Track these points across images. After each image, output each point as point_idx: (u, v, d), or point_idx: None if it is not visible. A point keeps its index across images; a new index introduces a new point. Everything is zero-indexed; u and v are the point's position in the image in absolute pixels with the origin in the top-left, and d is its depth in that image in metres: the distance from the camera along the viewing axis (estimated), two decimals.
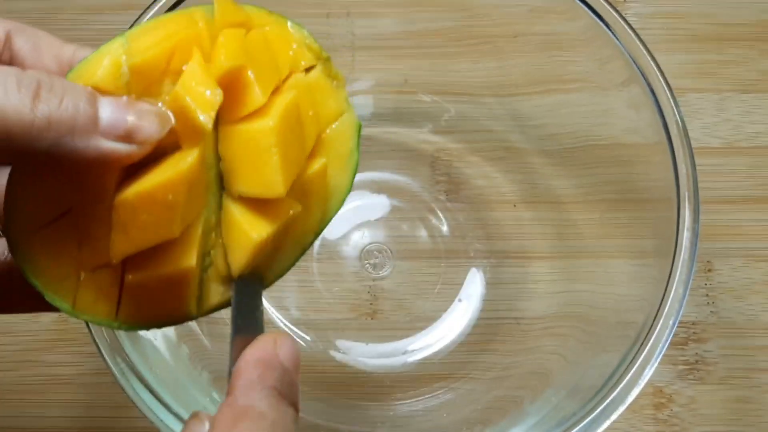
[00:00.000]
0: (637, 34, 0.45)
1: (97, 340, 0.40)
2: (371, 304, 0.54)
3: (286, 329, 0.54)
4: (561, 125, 0.54)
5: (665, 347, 0.41)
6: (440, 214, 0.56)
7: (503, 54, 0.54)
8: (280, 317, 0.54)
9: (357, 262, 0.56)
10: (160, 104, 0.29)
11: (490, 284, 0.55)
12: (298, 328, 0.54)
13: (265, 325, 0.54)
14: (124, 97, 0.28)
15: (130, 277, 0.29)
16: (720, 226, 0.56)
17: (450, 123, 0.58)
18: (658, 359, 0.40)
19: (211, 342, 0.51)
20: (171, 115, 0.28)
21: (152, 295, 0.30)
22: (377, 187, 0.57)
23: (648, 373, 0.40)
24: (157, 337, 0.45)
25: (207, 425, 0.28)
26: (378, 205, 0.57)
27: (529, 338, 0.53)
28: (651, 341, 0.41)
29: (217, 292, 0.31)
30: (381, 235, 0.56)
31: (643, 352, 0.41)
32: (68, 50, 0.30)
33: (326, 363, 0.53)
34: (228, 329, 0.53)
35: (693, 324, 0.54)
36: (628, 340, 0.42)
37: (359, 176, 0.57)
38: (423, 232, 0.57)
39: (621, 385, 0.40)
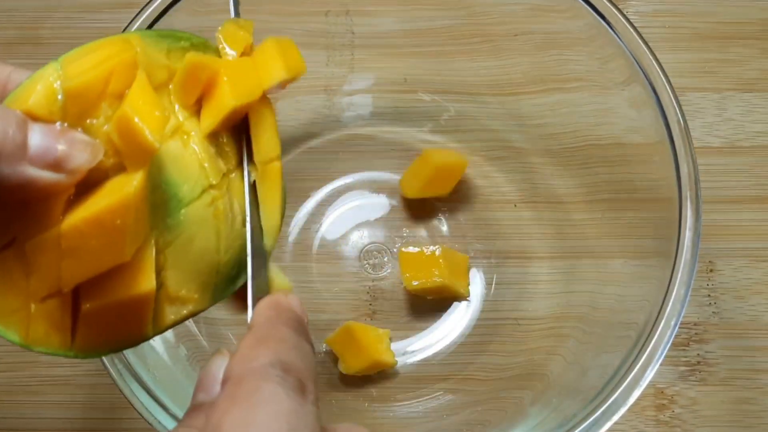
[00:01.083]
0: (638, 33, 0.45)
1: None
2: (371, 304, 0.54)
3: None
4: (562, 125, 0.54)
5: (667, 348, 0.40)
6: (440, 214, 0.56)
7: (503, 53, 0.54)
8: None
9: (356, 263, 0.55)
10: (105, 126, 0.29)
11: (490, 284, 0.55)
12: None
13: None
14: (57, 125, 0.28)
15: (87, 305, 0.29)
16: (722, 226, 0.56)
17: (450, 122, 0.58)
18: (660, 360, 0.40)
19: (210, 343, 0.51)
20: (102, 145, 0.28)
21: (110, 321, 0.30)
22: (376, 187, 0.57)
23: (650, 374, 0.40)
24: (155, 338, 0.44)
25: (227, 357, 0.28)
26: (377, 205, 0.57)
27: (529, 339, 0.53)
28: (652, 342, 0.41)
29: (170, 313, 0.31)
30: (380, 235, 0.56)
31: (644, 352, 0.41)
32: (3, 72, 0.30)
33: (324, 363, 0.53)
34: (227, 330, 0.53)
35: (695, 324, 0.54)
36: (629, 340, 0.42)
37: (359, 176, 0.58)
38: (423, 232, 0.56)
39: (622, 386, 0.40)
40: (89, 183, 0.28)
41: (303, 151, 0.58)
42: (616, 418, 0.40)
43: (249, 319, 0.30)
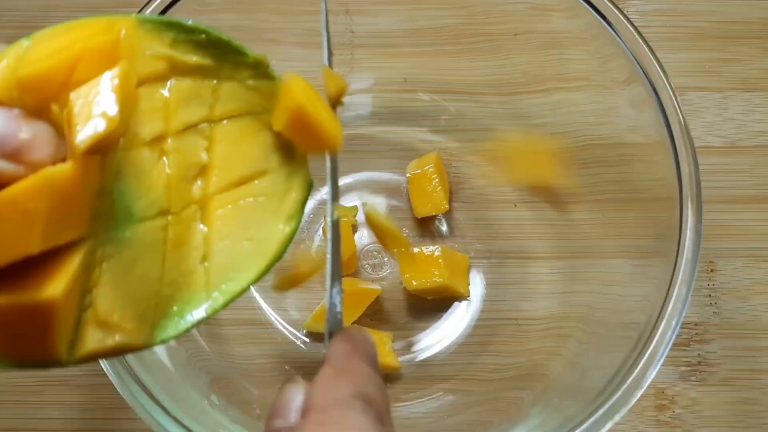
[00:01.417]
0: (639, 32, 0.45)
1: None
2: (371, 304, 0.54)
3: (285, 331, 0.53)
4: (562, 124, 0.54)
5: (668, 348, 0.40)
6: (440, 214, 0.56)
7: (503, 52, 0.54)
8: (279, 318, 0.54)
9: (356, 263, 0.55)
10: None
11: (491, 284, 0.54)
12: (297, 330, 0.53)
13: (263, 325, 0.54)
14: (17, 110, 0.25)
15: None
16: (723, 226, 0.56)
17: (450, 122, 0.58)
18: (661, 360, 0.40)
19: (210, 344, 0.51)
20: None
21: (11, 328, 0.25)
22: (376, 187, 0.57)
23: (651, 375, 0.40)
24: None
25: (303, 387, 0.29)
26: (377, 205, 0.57)
27: (530, 339, 0.53)
28: (653, 342, 0.41)
29: (94, 339, 0.27)
30: None
31: (645, 353, 0.41)
32: None
33: None
34: (227, 330, 0.53)
35: (696, 325, 0.54)
36: (630, 341, 0.42)
37: (359, 176, 0.58)
38: (423, 232, 0.56)
39: (623, 387, 0.40)
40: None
41: None
42: (617, 418, 0.40)
43: (324, 351, 0.31)
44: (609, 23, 0.46)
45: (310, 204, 0.57)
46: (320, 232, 0.56)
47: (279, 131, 0.30)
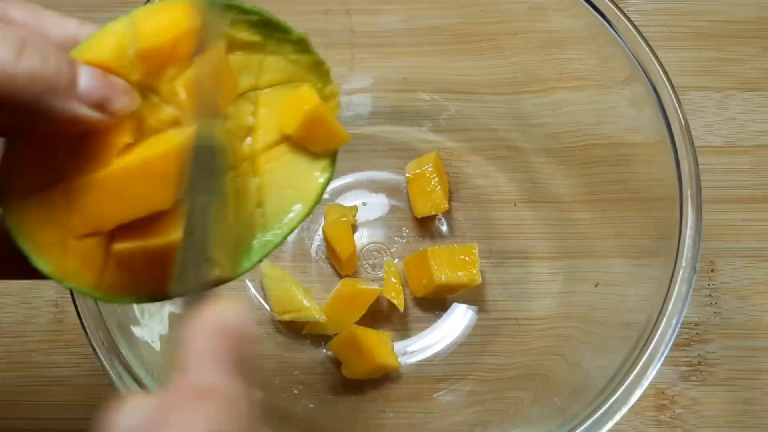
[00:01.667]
0: (639, 32, 0.45)
1: (94, 342, 0.40)
2: (371, 305, 0.54)
3: (285, 330, 0.53)
4: (562, 124, 0.54)
5: (668, 348, 0.40)
6: (440, 214, 0.56)
7: (504, 52, 0.54)
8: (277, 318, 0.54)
9: (356, 263, 0.55)
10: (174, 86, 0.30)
11: (491, 284, 0.54)
12: (297, 330, 0.53)
13: (262, 326, 0.54)
14: (100, 70, 0.29)
15: (117, 246, 0.30)
16: (723, 226, 0.56)
17: (450, 122, 0.58)
18: (661, 360, 0.40)
19: None
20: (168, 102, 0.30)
21: (136, 267, 0.31)
22: (376, 187, 0.57)
23: (651, 375, 0.40)
24: (155, 339, 0.44)
25: (138, 406, 0.25)
26: (377, 204, 0.57)
27: (529, 339, 0.52)
28: (653, 342, 0.41)
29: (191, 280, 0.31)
30: (380, 235, 0.56)
31: (645, 353, 0.40)
32: (72, 25, 0.31)
33: (325, 365, 0.53)
34: None
35: (696, 325, 0.54)
36: (630, 340, 0.42)
37: (358, 176, 0.58)
38: (423, 232, 0.56)
39: (623, 387, 0.40)
40: (146, 135, 0.30)
41: None
42: (617, 418, 0.40)
43: (182, 340, 0.25)
44: (609, 22, 0.46)
45: None
46: (320, 231, 0.56)
47: (291, 134, 0.34)
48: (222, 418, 0.23)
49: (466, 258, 0.52)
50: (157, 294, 0.32)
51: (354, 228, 0.56)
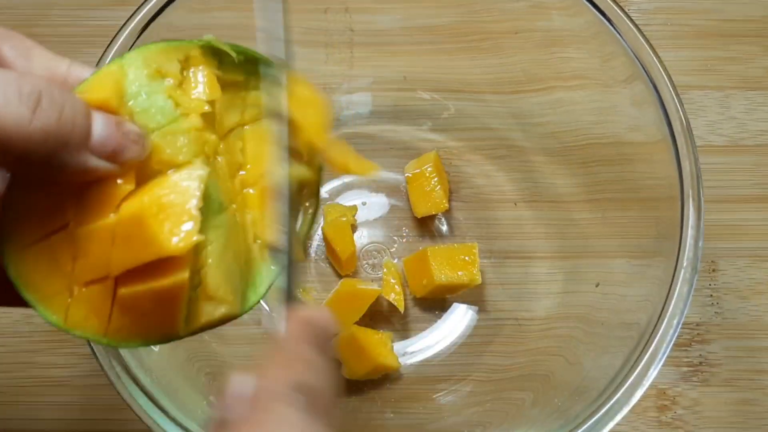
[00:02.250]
0: (640, 31, 0.45)
1: (92, 342, 0.40)
2: (371, 305, 0.53)
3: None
4: (563, 123, 0.54)
5: (669, 348, 0.40)
6: (440, 214, 0.56)
7: (504, 51, 0.54)
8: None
9: (356, 263, 0.55)
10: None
11: (491, 285, 0.54)
12: None
13: (259, 324, 0.54)
14: (114, 117, 0.29)
15: (123, 290, 0.30)
16: (724, 226, 0.56)
17: (450, 121, 0.58)
18: (662, 360, 0.40)
19: (209, 344, 0.51)
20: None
21: (143, 311, 0.30)
22: (376, 187, 0.57)
23: (652, 375, 0.40)
24: None
25: (251, 377, 0.28)
26: (377, 204, 0.57)
27: (530, 339, 0.52)
28: (655, 342, 0.40)
29: (204, 312, 0.32)
30: (380, 235, 0.56)
31: (646, 353, 0.40)
32: (62, 64, 0.30)
33: None
34: (226, 330, 0.53)
35: (697, 325, 0.54)
36: (631, 341, 0.42)
37: (358, 176, 0.57)
38: (422, 232, 0.56)
39: (624, 387, 0.40)
40: (148, 177, 0.30)
41: None
42: (618, 418, 0.40)
43: (280, 331, 0.31)
44: (610, 21, 0.45)
45: None
46: (320, 231, 0.56)
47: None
48: (308, 375, 0.28)
49: (467, 258, 0.52)
50: (167, 335, 0.31)
51: (354, 228, 0.55)
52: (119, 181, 0.29)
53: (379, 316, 0.54)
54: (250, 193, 0.35)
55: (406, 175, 0.56)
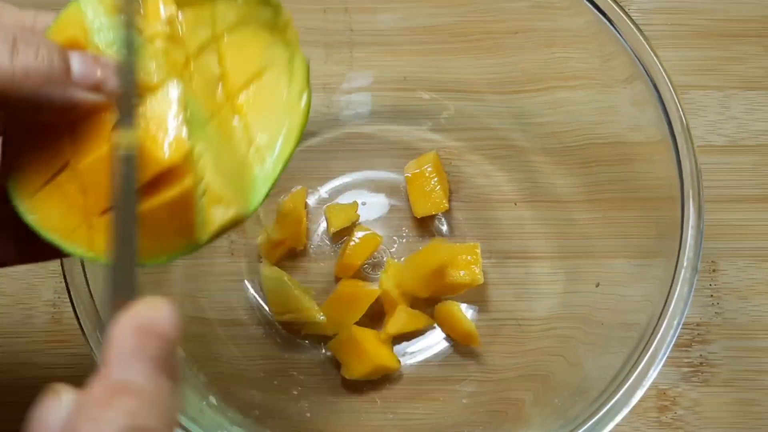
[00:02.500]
0: (640, 30, 0.45)
1: (91, 343, 0.40)
2: (371, 305, 0.53)
3: (284, 331, 0.53)
4: (563, 123, 0.54)
5: (670, 348, 0.40)
6: (440, 214, 0.56)
7: (504, 50, 0.54)
8: (276, 319, 0.53)
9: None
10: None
11: (491, 285, 0.54)
12: (297, 331, 0.53)
13: (261, 326, 0.54)
14: (90, 54, 0.31)
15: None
16: (724, 226, 0.55)
17: (450, 121, 0.58)
18: (663, 360, 0.40)
19: (208, 344, 0.51)
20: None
21: (161, 225, 0.32)
22: (375, 187, 0.57)
23: (652, 375, 0.40)
24: None
25: (65, 401, 0.25)
26: (377, 204, 0.56)
27: (530, 339, 0.52)
28: (655, 342, 0.40)
29: (217, 215, 0.32)
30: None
31: (647, 353, 0.40)
32: (28, 16, 0.32)
33: (324, 366, 0.52)
34: (226, 330, 0.53)
35: (697, 325, 0.53)
36: (631, 341, 0.42)
37: (358, 175, 0.57)
38: (422, 232, 0.56)
39: (624, 388, 0.40)
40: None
41: (301, 150, 0.57)
42: (618, 419, 0.40)
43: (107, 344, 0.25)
44: (610, 21, 0.45)
45: (310, 202, 0.56)
46: (319, 231, 0.56)
47: None
48: (142, 414, 0.23)
49: (469, 257, 0.52)
50: (189, 245, 0.32)
51: (355, 225, 0.55)
52: (106, 113, 0.31)
53: (379, 316, 0.53)
54: (238, 102, 0.36)
55: (405, 175, 0.56)
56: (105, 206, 0.31)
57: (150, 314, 0.25)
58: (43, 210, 0.32)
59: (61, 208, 0.32)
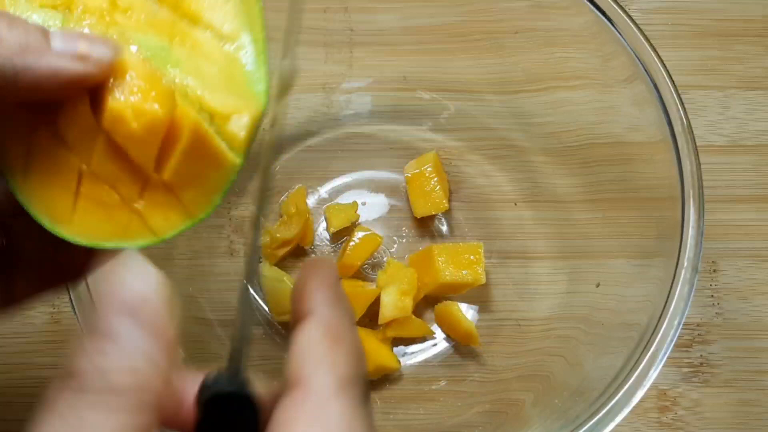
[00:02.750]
0: (640, 30, 0.45)
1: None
2: (371, 305, 0.53)
3: (282, 331, 0.53)
4: (563, 123, 0.54)
5: (670, 348, 0.40)
6: (440, 214, 0.56)
7: (504, 50, 0.53)
8: (275, 319, 0.53)
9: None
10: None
11: (491, 285, 0.54)
12: None
13: (261, 326, 0.54)
14: (74, 29, 0.30)
15: (165, 176, 0.30)
16: (725, 226, 0.55)
17: (450, 121, 0.58)
18: (663, 361, 0.40)
19: (208, 344, 0.51)
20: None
21: (197, 172, 0.30)
22: (375, 187, 0.57)
23: (652, 375, 0.40)
24: None
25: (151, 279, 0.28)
26: (376, 204, 0.56)
27: (530, 340, 0.52)
28: (655, 342, 0.40)
29: (236, 129, 0.31)
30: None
31: (647, 353, 0.40)
32: None
33: None
34: (225, 330, 0.53)
35: (698, 325, 0.53)
36: (631, 341, 0.42)
37: (358, 175, 0.57)
38: (422, 232, 0.56)
39: (625, 388, 0.40)
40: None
41: (301, 150, 0.57)
42: (618, 419, 0.39)
43: (295, 284, 0.29)
44: (610, 21, 0.45)
45: (310, 202, 0.56)
46: (320, 231, 0.55)
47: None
48: (360, 363, 0.27)
49: (472, 257, 0.52)
50: (230, 170, 0.31)
51: (356, 224, 0.55)
52: (88, 98, 0.30)
53: (379, 316, 0.53)
54: (188, 8, 0.33)
55: (405, 175, 0.56)
56: (138, 186, 0.30)
57: (329, 267, 0.30)
58: (93, 227, 0.30)
59: (105, 214, 0.30)
